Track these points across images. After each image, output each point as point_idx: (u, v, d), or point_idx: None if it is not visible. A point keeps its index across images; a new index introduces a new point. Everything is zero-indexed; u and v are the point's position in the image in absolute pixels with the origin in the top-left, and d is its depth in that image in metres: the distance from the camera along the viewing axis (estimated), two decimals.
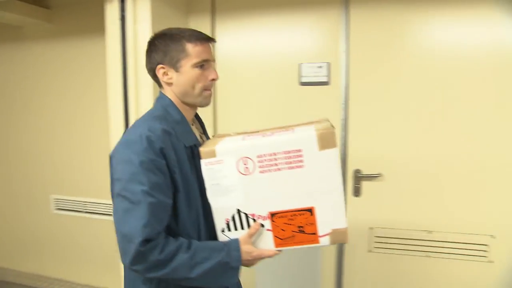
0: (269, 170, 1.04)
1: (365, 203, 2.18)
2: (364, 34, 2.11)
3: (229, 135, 1.22)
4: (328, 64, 2.16)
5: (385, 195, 2.15)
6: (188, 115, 1.20)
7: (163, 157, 1.03)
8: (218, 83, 2.30)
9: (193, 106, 1.21)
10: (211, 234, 1.16)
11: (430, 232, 2.12)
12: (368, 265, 2.23)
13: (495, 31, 1.94)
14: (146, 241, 0.96)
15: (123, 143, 1.07)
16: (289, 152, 1.03)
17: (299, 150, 1.02)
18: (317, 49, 2.19)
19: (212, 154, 1.06)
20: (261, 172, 1.05)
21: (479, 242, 2.06)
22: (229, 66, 2.32)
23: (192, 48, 1.11)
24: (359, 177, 2.16)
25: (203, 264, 1.02)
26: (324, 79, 2.17)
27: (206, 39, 1.15)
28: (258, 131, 1.18)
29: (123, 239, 0.99)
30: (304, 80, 2.20)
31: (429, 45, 2.04)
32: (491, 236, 2.04)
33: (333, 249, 2.26)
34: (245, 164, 1.05)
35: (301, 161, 1.03)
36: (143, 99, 2.03)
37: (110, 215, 2.68)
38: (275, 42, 2.24)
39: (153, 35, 1.17)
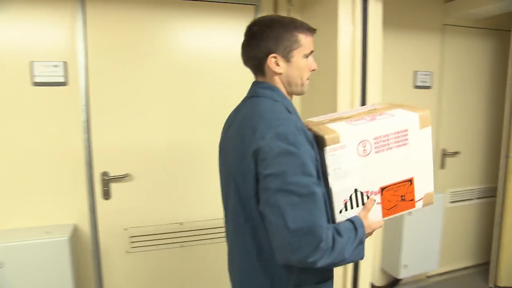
0: (382, 150, 1.14)
1: (116, 205, 2.16)
2: (103, 33, 2.06)
3: (316, 121, 1.25)
4: (65, 64, 2.03)
5: (135, 194, 2.18)
6: None
7: (312, 147, 1.02)
8: None
9: (292, 95, 1.19)
10: None
11: (181, 223, 2.25)
12: (128, 266, 2.23)
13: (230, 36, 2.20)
14: (322, 232, 0.96)
15: (275, 136, 0.97)
16: (398, 132, 1.15)
17: (406, 130, 1.16)
18: (53, 47, 2.03)
19: (337, 140, 1.08)
20: (376, 152, 1.14)
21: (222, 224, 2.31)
22: None
23: (304, 39, 1.11)
24: (107, 179, 2.11)
25: (350, 244, 1.03)
26: (61, 79, 2.03)
27: (313, 30, 1.15)
28: (342, 117, 1.24)
29: (295, 233, 0.94)
30: (37, 80, 2.01)
31: (167, 45, 2.14)
32: None
33: (90, 254, 2.16)
34: (363, 147, 1.12)
35: (406, 139, 1.17)
36: None
37: None
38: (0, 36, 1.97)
39: (256, 20, 1.12)
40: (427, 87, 2.82)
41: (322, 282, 1.14)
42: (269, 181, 0.97)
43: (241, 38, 1.14)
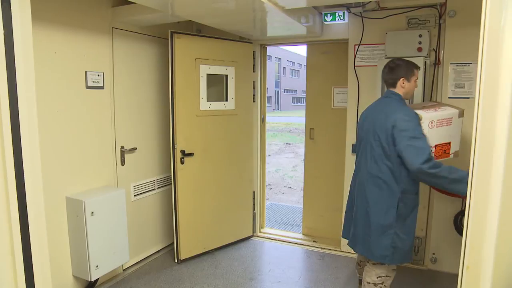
0: (440, 126, 2.29)
1: None
2: None
3: (421, 106, 2.49)
4: None
5: None
6: None
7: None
8: None
9: (404, 99, 2.37)
10: None
11: None
12: None
13: None
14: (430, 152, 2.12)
15: (404, 115, 2.15)
16: (448, 118, 2.33)
17: (451, 118, 2.35)
18: None
19: (421, 119, 2.20)
20: (436, 127, 2.27)
21: None
22: None
23: (416, 72, 2.34)
24: None
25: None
26: None
27: (419, 68, 2.39)
28: (421, 106, 2.45)
29: (416, 151, 2.05)
30: None
31: None
32: None
33: None
34: (431, 124, 2.25)
35: (451, 122, 2.34)
36: None
37: None
38: None
39: (392, 61, 2.36)
40: (100, 87, 2.88)
41: (416, 194, 2.25)
42: (402, 134, 2.09)
43: None
